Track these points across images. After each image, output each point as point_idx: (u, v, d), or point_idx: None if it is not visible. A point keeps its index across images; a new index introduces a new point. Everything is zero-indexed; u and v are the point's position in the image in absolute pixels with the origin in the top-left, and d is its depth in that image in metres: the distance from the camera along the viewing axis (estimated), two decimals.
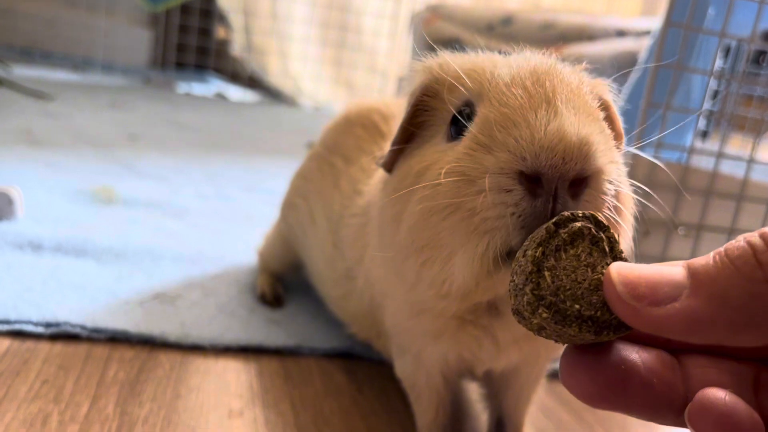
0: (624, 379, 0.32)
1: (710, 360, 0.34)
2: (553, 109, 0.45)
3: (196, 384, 0.76)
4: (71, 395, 0.70)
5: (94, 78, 3.39)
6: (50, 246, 1.04)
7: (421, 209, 0.50)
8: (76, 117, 2.27)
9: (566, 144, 0.42)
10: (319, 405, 0.76)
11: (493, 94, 0.48)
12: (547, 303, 0.33)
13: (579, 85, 0.48)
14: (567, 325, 0.32)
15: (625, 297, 0.31)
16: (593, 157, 0.43)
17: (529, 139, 0.43)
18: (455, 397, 0.80)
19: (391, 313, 0.67)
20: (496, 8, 2.95)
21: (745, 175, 1.27)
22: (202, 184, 1.63)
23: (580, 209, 0.42)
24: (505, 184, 0.44)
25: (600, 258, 0.35)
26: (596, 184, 0.44)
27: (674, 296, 0.30)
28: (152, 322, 0.86)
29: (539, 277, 0.33)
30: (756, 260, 0.29)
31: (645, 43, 2.23)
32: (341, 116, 0.94)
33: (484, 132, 0.46)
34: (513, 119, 0.45)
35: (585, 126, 0.44)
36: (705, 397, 0.30)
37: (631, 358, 0.33)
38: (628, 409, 0.32)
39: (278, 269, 1.05)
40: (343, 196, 0.82)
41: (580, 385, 0.32)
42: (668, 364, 0.33)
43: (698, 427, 0.30)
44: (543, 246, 0.34)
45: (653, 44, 1.36)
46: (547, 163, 0.42)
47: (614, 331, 0.32)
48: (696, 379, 0.33)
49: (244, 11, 3.89)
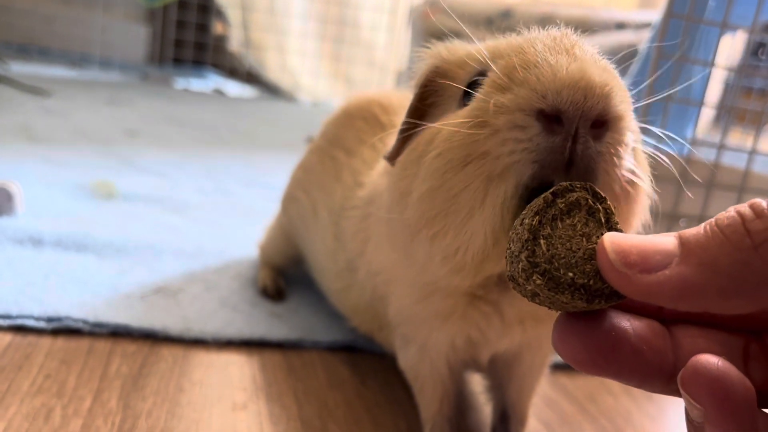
0: (614, 345, 0.33)
1: (700, 330, 0.35)
2: (573, 56, 0.44)
3: (198, 378, 0.76)
4: (74, 389, 0.69)
5: (91, 74, 3.38)
6: (51, 241, 1.04)
7: (433, 169, 0.48)
8: (75, 113, 2.26)
9: (588, 82, 0.41)
10: (323, 398, 0.76)
11: (511, 50, 0.47)
12: (542, 270, 0.33)
13: (593, 49, 0.48)
14: (560, 293, 0.33)
15: (617, 264, 0.32)
16: (614, 100, 0.42)
17: (550, 77, 0.42)
18: (459, 388, 0.79)
19: (397, 301, 0.67)
20: (495, 1, 2.94)
21: (747, 166, 1.27)
22: (201, 179, 1.63)
23: (604, 152, 0.42)
24: (520, 120, 0.43)
25: (596, 228, 0.35)
26: (618, 129, 0.43)
27: (665, 264, 0.31)
28: (154, 316, 0.86)
29: (535, 245, 0.34)
30: (745, 228, 0.30)
31: (644, 36, 2.22)
32: (341, 109, 0.94)
33: (504, 74, 0.45)
34: (534, 61, 0.44)
35: (605, 72, 0.44)
36: (698, 361, 0.30)
37: (622, 325, 0.33)
38: (618, 375, 0.33)
39: (279, 263, 1.05)
40: (345, 188, 0.82)
41: (571, 350, 0.33)
42: (659, 333, 0.34)
43: (691, 391, 0.30)
44: (540, 215, 0.35)
45: (654, 36, 1.36)
46: (568, 100, 0.41)
47: (606, 299, 0.33)
48: (686, 348, 0.34)
49: (241, 6, 3.88)
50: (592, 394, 0.84)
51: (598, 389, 0.86)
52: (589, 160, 0.42)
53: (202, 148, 2.06)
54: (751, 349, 0.35)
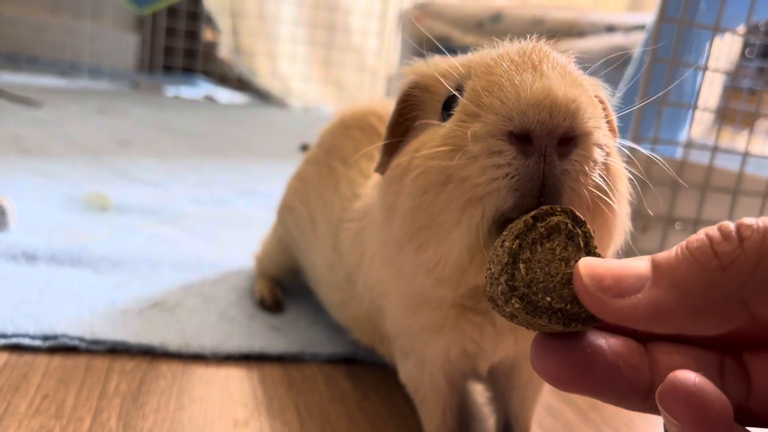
0: (590, 363, 0.33)
1: (676, 347, 0.35)
2: (539, 73, 0.45)
3: (199, 394, 0.75)
4: (72, 409, 0.69)
5: (81, 83, 3.36)
6: (45, 256, 1.03)
7: (414, 189, 0.49)
8: (66, 123, 2.25)
9: (552, 99, 0.42)
10: (325, 411, 0.75)
11: (480, 69, 0.48)
12: (520, 294, 0.34)
13: (566, 62, 0.48)
14: (537, 316, 0.34)
15: (591, 289, 0.33)
16: (581, 117, 0.43)
17: (515, 99, 0.43)
18: (462, 399, 0.79)
19: (391, 313, 0.67)
20: (485, 5, 2.94)
21: (741, 168, 1.27)
22: (196, 189, 1.62)
23: (570, 170, 0.42)
24: (494, 146, 0.43)
25: (574, 252, 0.36)
26: (585, 145, 0.44)
27: (638, 287, 0.32)
28: (152, 332, 0.85)
29: (514, 269, 0.35)
30: (713, 251, 0.31)
31: (634, 38, 2.23)
32: (337, 119, 0.93)
33: (472, 100, 0.46)
34: (498, 83, 0.45)
35: (572, 88, 0.44)
36: (676, 378, 0.31)
37: (598, 343, 0.34)
38: (595, 392, 0.33)
39: (276, 274, 1.04)
40: (343, 199, 0.82)
41: (548, 368, 0.34)
42: (635, 350, 0.34)
43: (668, 407, 0.31)
44: (520, 238, 0.36)
45: (647, 39, 1.36)
46: (534, 119, 0.42)
47: (583, 323, 0.34)
48: (662, 365, 0.34)
49: (231, 13, 3.87)
50: (595, 402, 0.84)
51: None
52: (554, 179, 0.43)
53: (195, 157, 2.05)
54: (727, 365, 0.35)
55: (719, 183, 1.27)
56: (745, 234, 0.31)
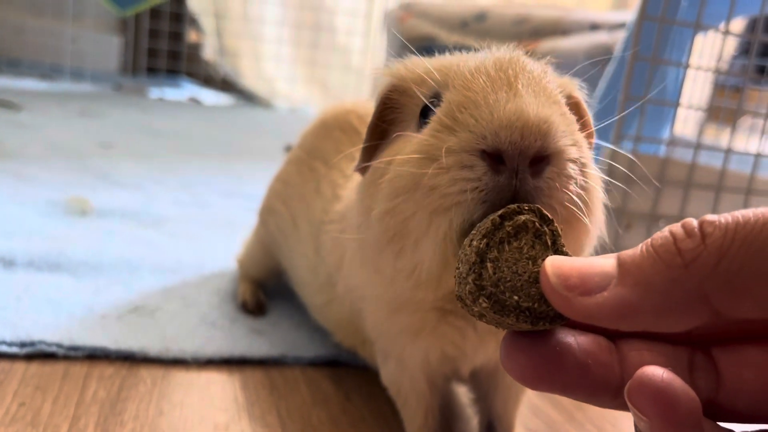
0: (559, 361, 0.33)
1: (646, 343, 0.35)
2: (514, 92, 0.46)
3: (179, 399, 0.74)
4: (49, 417, 0.67)
5: (63, 86, 3.33)
6: (23, 261, 1.01)
7: (387, 193, 0.50)
8: (47, 126, 2.22)
9: (524, 122, 0.43)
10: (306, 415, 0.74)
11: (457, 81, 0.49)
12: (488, 293, 0.34)
13: (541, 74, 0.49)
14: (505, 315, 0.34)
15: (558, 288, 0.33)
16: (553, 137, 0.44)
17: (488, 119, 0.44)
18: (445, 401, 0.78)
19: (371, 315, 0.67)
20: (469, 4, 2.94)
21: (723, 165, 1.27)
22: (178, 192, 1.61)
23: (543, 187, 0.43)
24: (466, 161, 0.44)
25: (542, 251, 0.36)
26: (558, 162, 0.45)
27: (604, 286, 0.32)
28: (131, 337, 0.84)
29: (481, 268, 0.35)
30: (676, 248, 0.31)
31: (618, 36, 2.24)
32: (319, 120, 0.93)
33: (448, 114, 0.47)
34: (474, 101, 0.46)
35: (545, 107, 0.45)
36: (644, 373, 0.31)
37: (566, 340, 0.34)
38: (565, 390, 0.33)
39: (259, 276, 1.03)
40: (325, 201, 0.81)
41: (517, 366, 0.34)
42: (604, 347, 0.34)
43: (636, 402, 0.31)
44: (487, 238, 0.36)
45: (628, 37, 1.36)
46: (506, 140, 0.43)
47: (550, 321, 0.34)
48: (632, 362, 0.34)
49: (215, 14, 3.85)
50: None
51: None
52: (527, 194, 0.43)
53: (178, 159, 2.03)
54: (696, 360, 0.35)
55: (703, 180, 1.28)
56: (707, 231, 0.31)
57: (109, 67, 3.85)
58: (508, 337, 0.35)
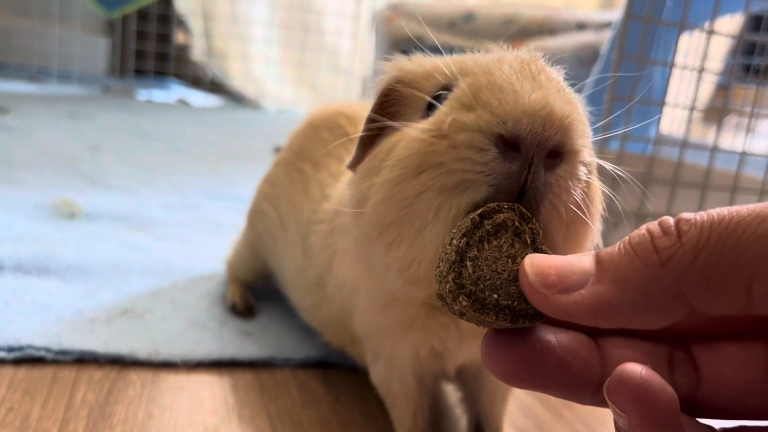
0: (539, 358, 0.33)
1: (626, 341, 0.36)
2: (538, 84, 0.44)
3: (168, 402, 0.74)
4: (38, 422, 0.67)
5: (50, 88, 3.31)
6: (11, 265, 1.01)
7: (390, 178, 0.47)
8: (34, 129, 2.21)
9: (549, 112, 0.41)
10: (297, 417, 0.74)
11: (478, 68, 0.47)
12: (468, 292, 0.34)
13: (560, 77, 0.48)
14: (485, 313, 0.34)
15: (536, 286, 0.33)
16: (573, 133, 0.43)
17: (513, 103, 0.42)
18: (434, 401, 0.79)
19: (361, 311, 0.66)
20: (457, 5, 2.95)
21: (709, 164, 1.28)
22: (167, 194, 1.60)
23: (554, 183, 0.42)
24: (478, 142, 0.42)
25: (521, 249, 0.36)
26: (572, 162, 0.43)
27: (582, 283, 0.32)
28: (121, 340, 0.83)
29: (461, 267, 0.35)
30: (653, 246, 0.31)
31: (605, 36, 2.25)
32: (306, 121, 0.93)
33: (469, 93, 0.45)
34: (500, 84, 0.44)
35: (567, 104, 0.43)
36: (623, 370, 0.31)
37: (546, 338, 0.34)
38: (545, 387, 0.34)
39: (248, 278, 1.03)
40: (313, 201, 0.81)
41: (497, 363, 0.34)
42: (585, 344, 0.35)
43: (615, 399, 0.31)
44: (467, 236, 0.36)
45: (614, 37, 1.37)
46: (527, 128, 0.41)
47: (530, 319, 0.34)
48: (612, 359, 0.34)
49: (203, 15, 3.84)
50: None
51: None
52: (536, 190, 0.42)
53: (166, 161, 2.02)
54: (676, 357, 0.36)
55: (689, 179, 1.29)
56: (683, 229, 0.31)
57: (97, 70, 3.84)
58: (488, 336, 0.35)
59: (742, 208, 0.30)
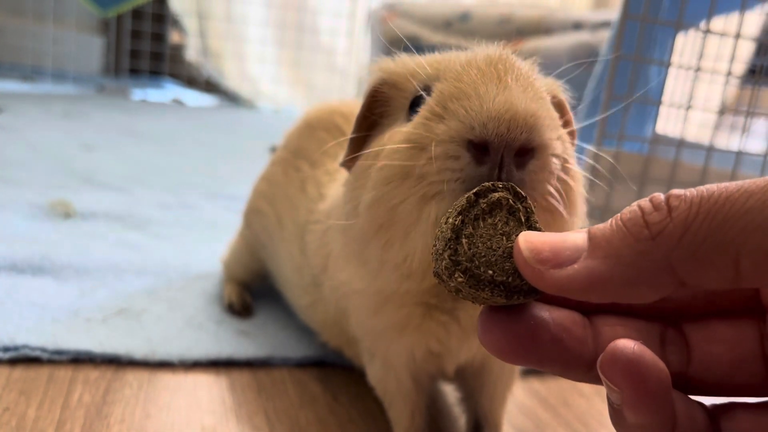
0: (534, 335, 0.34)
1: (619, 319, 0.36)
2: (503, 85, 0.47)
3: (165, 402, 0.74)
4: (34, 422, 0.67)
5: (44, 88, 3.30)
6: (5, 265, 1.00)
7: (376, 180, 0.51)
8: (28, 129, 2.20)
9: (512, 114, 0.44)
10: (294, 416, 0.74)
11: (449, 74, 0.50)
12: (463, 268, 0.35)
13: (529, 71, 0.51)
14: (480, 289, 0.35)
15: (530, 261, 0.33)
16: (538, 130, 0.45)
17: (478, 109, 0.45)
18: (432, 400, 0.79)
19: (356, 312, 0.66)
20: (453, 4, 2.95)
21: (705, 163, 1.29)
22: (162, 193, 1.60)
23: (526, 179, 0.45)
24: (452, 151, 0.46)
25: (515, 227, 0.37)
26: (542, 156, 0.46)
27: (574, 258, 0.33)
28: (117, 340, 0.83)
29: (457, 244, 0.36)
30: (644, 221, 0.32)
31: (601, 35, 2.25)
32: (303, 120, 0.92)
33: (439, 103, 0.49)
34: (465, 92, 0.47)
35: (532, 102, 0.46)
36: (616, 346, 0.32)
37: (541, 315, 0.35)
38: (540, 363, 0.34)
39: (244, 278, 1.03)
40: (309, 200, 0.81)
41: (493, 340, 0.34)
42: (578, 322, 0.36)
43: (608, 374, 0.32)
44: (463, 215, 0.37)
45: (612, 36, 1.37)
46: (493, 132, 0.44)
47: (525, 295, 0.35)
48: (605, 336, 0.35)
49: (198, 14, 3.83)
50: (566, 398, 0.84)
51: (570, 393, 0.86)
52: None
53: (161, 161, 2.02)
54: (668, 335, 0.37)
55: (685, 178, 1.29)
56: (673, 204, 0.31)
57: (92, 69, 3.82)
58: (484, 313, 0.35)
59: (731, 185, 0.31)
